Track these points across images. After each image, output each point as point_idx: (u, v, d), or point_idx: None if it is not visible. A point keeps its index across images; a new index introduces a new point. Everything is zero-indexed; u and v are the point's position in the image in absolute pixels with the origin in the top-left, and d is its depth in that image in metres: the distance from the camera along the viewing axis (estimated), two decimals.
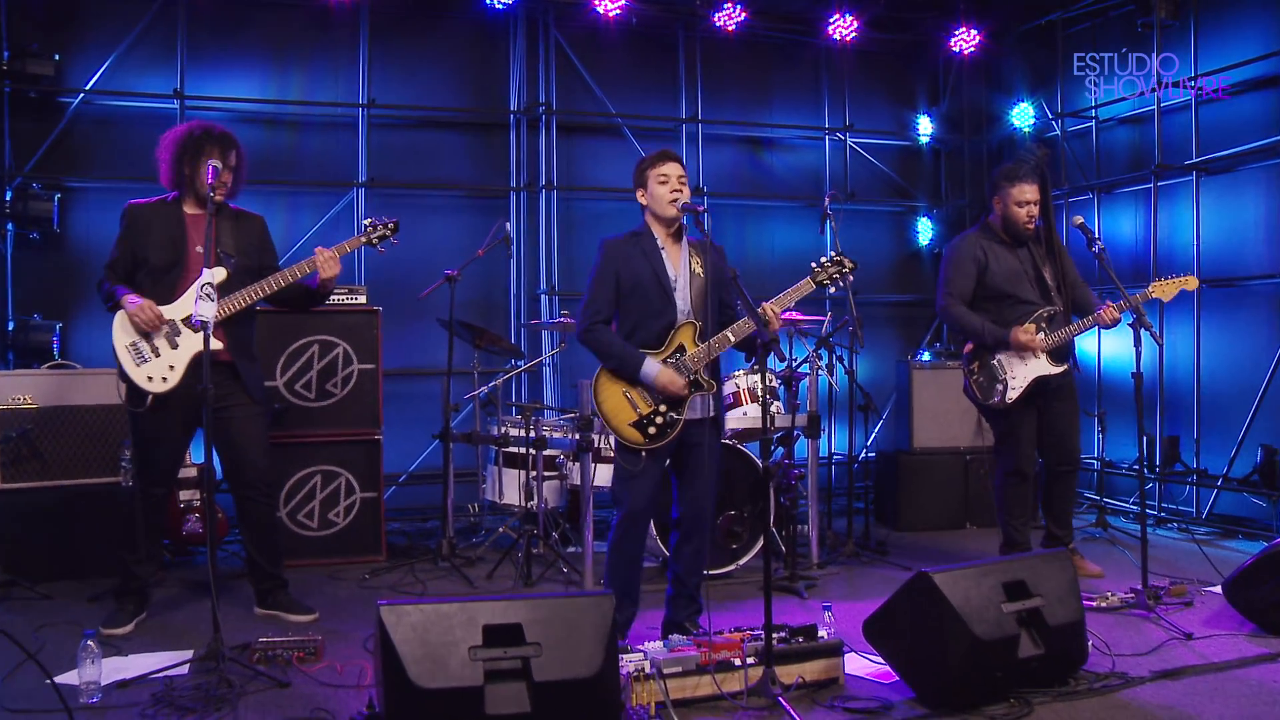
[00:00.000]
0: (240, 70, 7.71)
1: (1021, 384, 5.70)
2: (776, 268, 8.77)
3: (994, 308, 5.79)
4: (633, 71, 8.61)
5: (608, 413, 4.43)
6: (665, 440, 4.42)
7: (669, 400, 4.42)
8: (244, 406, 5.07)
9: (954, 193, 9.52)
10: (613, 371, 4.45)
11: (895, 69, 9.39)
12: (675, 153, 4.62)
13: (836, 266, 4.62)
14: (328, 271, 4.99)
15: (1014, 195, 5.74)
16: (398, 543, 7.11)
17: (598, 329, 4.47)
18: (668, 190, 4.47)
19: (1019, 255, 5.81)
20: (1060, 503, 6.05)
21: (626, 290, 4.48)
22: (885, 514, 7.73)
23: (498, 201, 8.31)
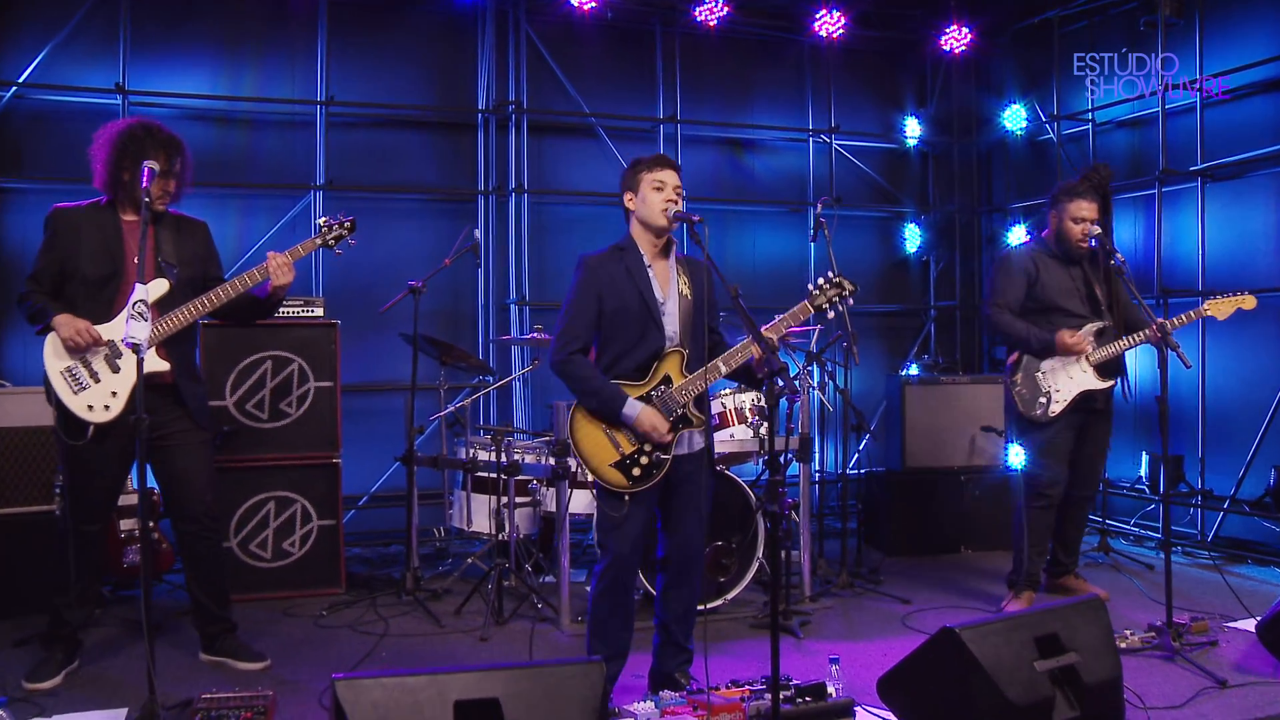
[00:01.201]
0: (188, 63, 7.20)
1: (1066, 397, 5.45)
2: (759, 276, 8.39)
3: (1038, 320, 5.55)
4: (608, 69, 8.21)
5: (586, 453, 3.99)
6: (651, 482, 3.99)
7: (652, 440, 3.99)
8: (187, 434, 4.58)
9: (942, 198, 9.17)
10: (589, 409, 4.01)
11: (882, 68, 9.03)
12: (674, 160, 4.19)
13: (836, 289, 4.18)
14: (280, 279, 4.52)
15: (1071, 210, 5.48)
16: (358, 572, 6.63)
17: (575, 360, 4.01)
18: (662, 199, 4.04)
19: (1071, 273, 5.58)
20: (1074, 529, 5.84)
21: (609, 315, 4.03)
22: (876, 537, 7.33)
23: (465, 206, 7.87)
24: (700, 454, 4.13)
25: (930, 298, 9.13)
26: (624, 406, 3.91)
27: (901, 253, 9.10)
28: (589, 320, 4.03)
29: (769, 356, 3.46)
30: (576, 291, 4.05)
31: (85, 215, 4.50)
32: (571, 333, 4.02)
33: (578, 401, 4.03)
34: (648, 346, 4.02)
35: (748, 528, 5.67)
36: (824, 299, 4.15)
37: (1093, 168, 5.65)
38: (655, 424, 3.92)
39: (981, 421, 7.35)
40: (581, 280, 4.05)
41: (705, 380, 4.01)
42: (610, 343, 4.05)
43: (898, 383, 7.47)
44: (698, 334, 4.09)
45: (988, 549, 7.27)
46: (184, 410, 4.53)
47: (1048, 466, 5.50)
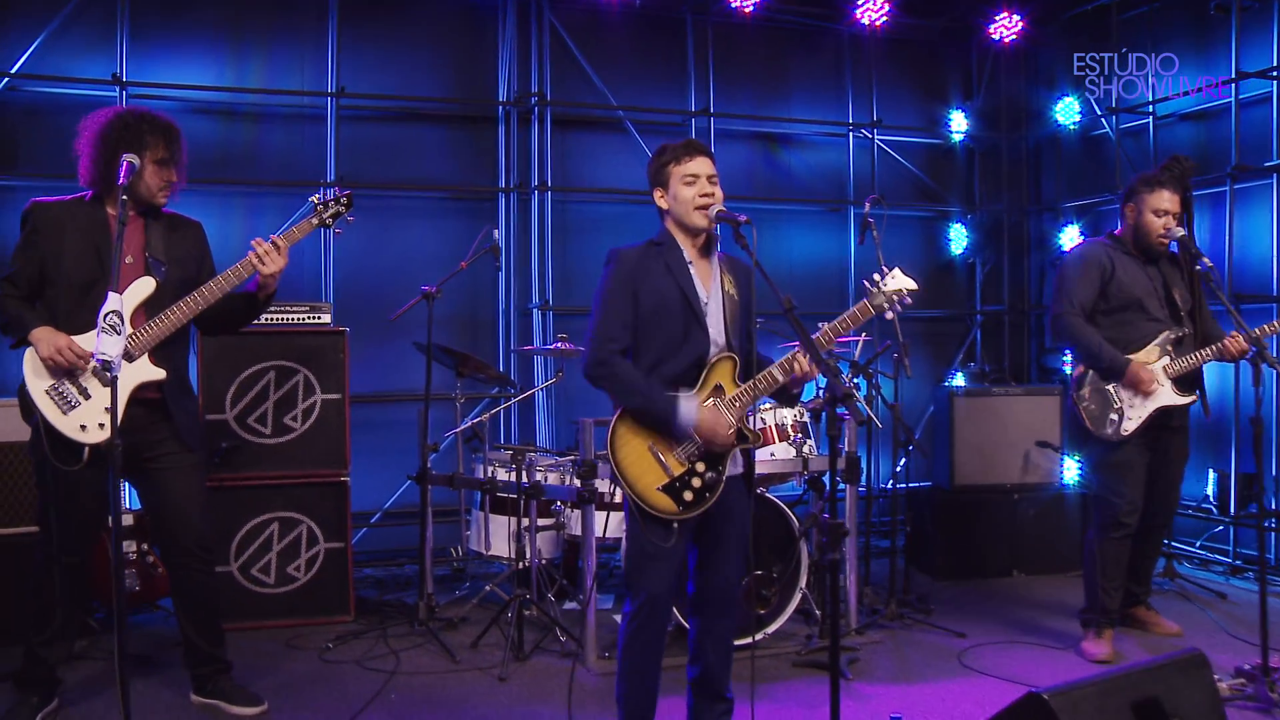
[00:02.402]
0: (191, 53, 6.77)
1: (1141, 415, 4.93)
2: (795, 279, 7.91)
3: (1114, 324, 5.04)
4: (637, 59, 7.74)
5: (631, 476, 3.52)
6: (704, 507, 3.54)
7: (707, 456, 3.53)
8: (176, 456, 4.14)
9: (989, 196, 8.67)
10: (636, 418, 3.55)
11: (926, 59, 8.54)
12: (703, 144, 3.72)
13: (895, 287, 3.71)
14: (269, 266, 4.05)
15: (1151, 202, 4.97)
16: (369, 596, 6.20)
17: (614, 362, 3.54)
18: (695, 193, 3.59)
19: (1149, 272, 5.07)
20: (1148, 558, 5.38)
21: (647, 314, 3.58)
22: (923, 559, 6.84)
23: (484, 204, 7.42)
24: (740, 478, 3.68)
25: (976, 302, 8.65)
26: (679, 409, 3.46)
27: (946, 254, 8.61)
28: (625, 319, 3.58)
29: (832, 382, 2.97)
30: (608, 288, 3.60)
31: (69, 211, 4.07)
32: (607, 333, 3.56)
33: (620, 413, 3.57)
34: (691, 350, 3.57)
35: (789, 555, 5.21)
36: (883, 298, 3.68)
37: (1173, 159, 5.13)
38: (717, 427, 3.48)
39: (1036, 436, 6.86)
40: (613, 275, 3.60)
41: (759, 391, 3.56)
42: (647, 347, 3.60)
43: (945, 394, 6.98)
44: (745, 339, 3.65)
45: (1042, 573, 6.78)
46: (172, 428, 4.09)
47: (1123, 492, 4.98)
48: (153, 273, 4.00)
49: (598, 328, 3.58)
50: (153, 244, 4.07)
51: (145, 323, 3.95)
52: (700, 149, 3.66)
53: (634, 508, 3.52)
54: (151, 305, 3.99)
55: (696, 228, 3.62)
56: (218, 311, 4.15)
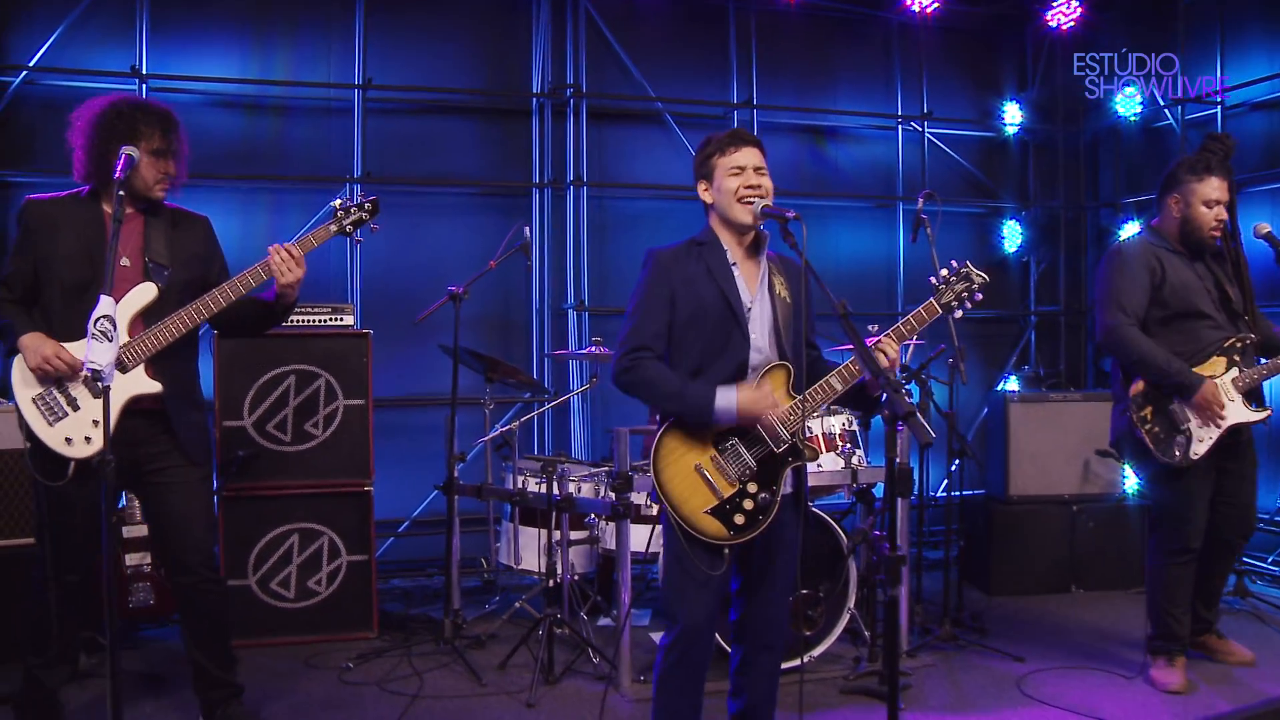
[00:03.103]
0: (214, 45, 6.56)
1: (1212, 435, 4.45)
2: (842, 278, 7.57)
3: (1168, 333, 4.54)
4: (676, 49, 7.44)
5: (677, 498, 3.22)
6: (756, 531, 3.26)
7: (760, 475, 3.24)
8: (180, 469, 3.86)
9: (1045, 192, 8.29)
10: (682, 433, 3.26)
11: (978, 48, 8.18)
12: (751, 134, 3.42)
13: (964, 283, 3.38)
14: (287, 276, 3.78)
15: (1200, 192, 4.50)
16: (393, 610, 5.94)
17: (644, 364, 3.26)
18: (740, 184, 3.29)
19: (1197, 270, 4.58)
20: (1219, 579, 4.90)
21: (684, 319, 3.30)
22: (975, 573, 6.49)
23: (517, 200, 7.15)
24: (792, 497, 3.38)
25: (1031, 302, 8.27)
26: (715, 400, 3.17)
27: (999, 252, 8.24)
28: (660, 324, 3.30)
29: (893, 398, 2.65)
30: (645, 290, 3.32)
31: (63, 209, 3.80)
32: (639, 337, 3.28)
33: (665, 428, 3.28)
34: (732, 358, 3.28)
35: (837, 573, 4.89)
36: (952, 295, 3.37)
37: (1213, 137, 4.64)
38: (761, 402, 3.20)
39: (1095, 444, 6.45)
40: (650, 278, 3.33)
41: (816, 402, 3.27)
42: (685, 355, 3.31)
43: (1000, 399, 6.62)
44: (798, 346, 3.35)
45: (1102, 589, 6.41)
46: (174, 441, 3.82)
47: (1190, 518, 4.55)
48: (153, 278, 3.74)
49: (629, 333, 3.30)
50: (153, 245, 3.80)
51: (144, 331, 3.68)
52: (748, 139, 3.37)
53: (678, 531, 3.23)
54: (153, 313, 3.72)
55: (740, 223, 3.32)
56: (231, 317, 3.89)
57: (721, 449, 3.26)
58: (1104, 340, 4.65)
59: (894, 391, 2.64)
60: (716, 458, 3.24)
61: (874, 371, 2.83)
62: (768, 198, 3.30)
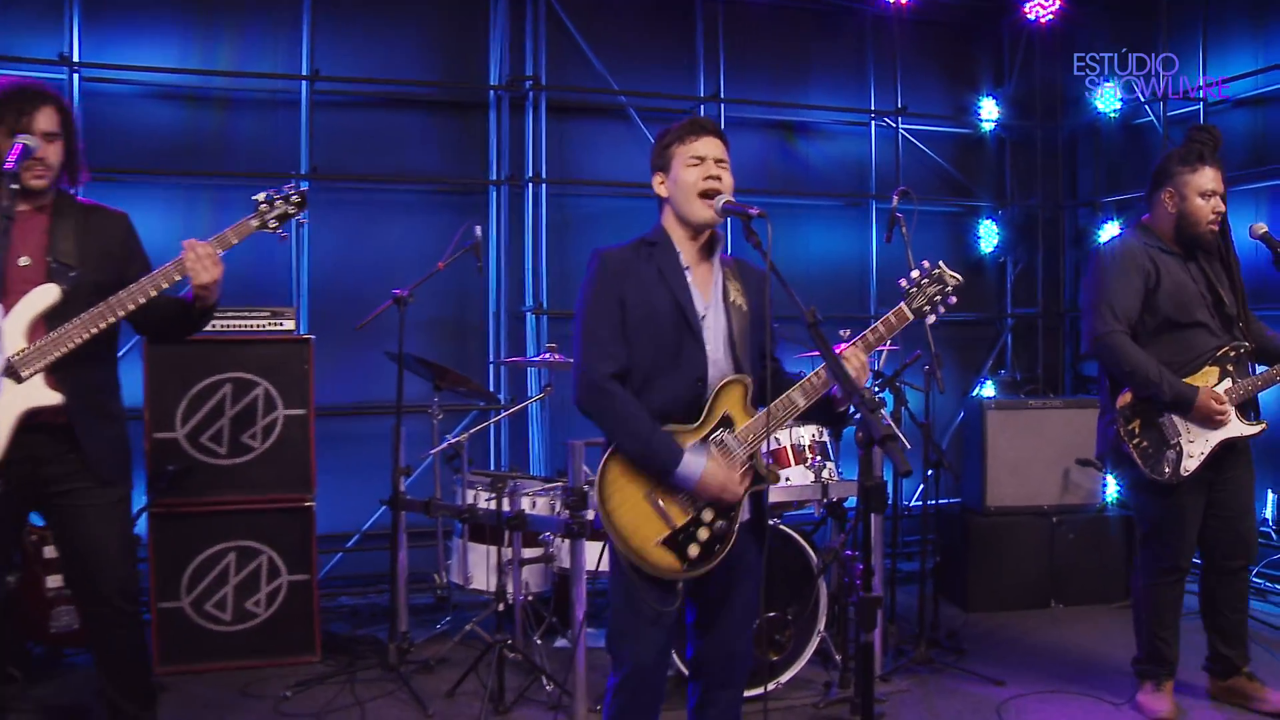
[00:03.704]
0: (152, 32, 6.17)
1: (1204, 450, 4.15)
2: (813, 280, 7.33)
3: (1159, 340, 4.23)
4: (641, 40, 7.13)
5: (624, 529, 2.92)
6: (713, 562, 2.96)
7: (715, 503, 2.95)
8: (89, 491, 3.50)
9: (1022, 190, 8.04)
10: (628, 460, 2.95)
11: (955, 41, 7.91)
12: (713, 123, 3.13)
13: (937, 285, 3.09)
14: (202, 275, 3.40)
15: (1195, 183, 4.18)
16: (339, 631, 5.63)
17: (613, 391, 2.95)
18: (699, 175, 3.00)
19: (1191, 271, 4.26)
20: (1233, 611, 4.41)
21: (634, 325, 3.00)
22: (951, 588, 6.24)
23: (474, 198, 6.82)
24: (751, 522, 3.09)
25: (1007, 304, 8.02)
26: (679, 463, 2.88)
27: (975, 252, 7.96)
28: (617, 333, 2.99)
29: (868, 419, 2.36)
30: (593, 297, 3.02)
31: None
32: (600, 351, 2.98)
33: (612, 451, 2.97)
34: (687, 371, 2.98)
35: (807, 594, 4.61)
36: (924, 299, 3.07)
37: (1199, 128, 4.33)
38: (726, 485, 2.90)
39: (1076, 452, 6.23)
40: (597, 282, 3.02)
41: (777, 419, 2.97)
42: (634, 366, 3.01)
43: (977, 406, 6.37)
44: (756, 358, 3.05)
45: (1083, 603, 6.18)
46: (80, 459, 3.47)
47: (1180, 534, 4.26)
48: (56, 279, 3.40)
49: (588, 346, 2.99)
50: (58, 244, 3.45)
51: (41, 338, 3.34)
52: (709, 127, 3.08)
53: (625, 564, 2.92)
54: (56, 317, 3.37)
55: (698, 220, 3.03)
56: (147, 320, 3.55)
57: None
58: (1092, 348, 4.33)
59: (869, 411, 2.35)
60: (669, 484, 2.94)
61: (847, 388, 2.54)
62: (728, 195, 3.00)
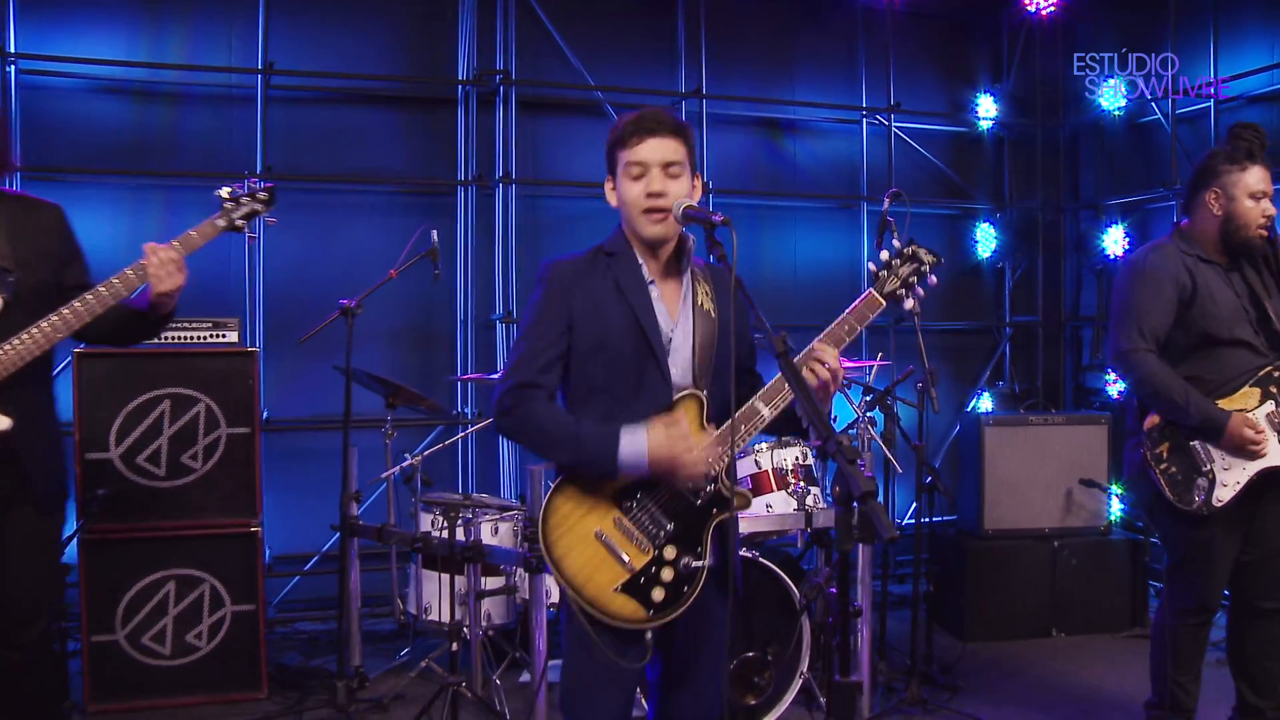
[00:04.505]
0: (97, 22, 5.82)
1: (1239, 480, 3.70)
2: (800, 284, 7.02)
3: (1194, 359, 3.81)
4: (619, 33, 6.80)
5: (577, 577, 2.54)
6: (683, 605, 2.58)
7: (679, 538, 2.58)
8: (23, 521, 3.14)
9: (1021, 192, 7.69)
10: (567, 479, 2.59)
11: (951, 35, 7.57)
12: (665, 118, 2.65)
13: (911, 264, 2.72)
14: (164, 283, 3.10)
15: (1244, 183, 3.74)
16: (291, 663, 5.27)
17: (530, 403, 2.58)
18: (640, 191, 2.61)
19: (1232, 283, 3.83)
20: (1266, 658, 3.94)
21: (586, 348, 2.63)
22: (946, 615, 5.87)
23: (440, 199, 6.45)
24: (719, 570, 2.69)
25: (1006, 312, 7.66)
26: (621, 441, 2.50)
27: (972, 258, 7.62)
28: (554, 354, 2.62)
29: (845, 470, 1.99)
30: (537, 312, 2.65)
31: None
32: (526, 370, 2.60)
33: (556, 485, 2.61)
34: (648, 401, 2.61)
35: (788, 631, 4.25)
36: (896, 281, 2.71)
37: (1242, 126, 3.92)
38: (675, 448, 2.50)
39: (1079, 472, 5.89)
40: (544, 297, 2.65)
41: (740, 434, 2.60)
42: (584, 397, 2.65)
43: (974, 422, 6.00)
44: (724, 370, 2.65)
45: (1087, 632, 5.82)
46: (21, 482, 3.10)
47: (1212, 572, 3.83)
48: None
49: (514, 365, 2.63)
50: None
51: None
52: (659, 124, 2.62)
53: (581, 617, 2.55)
54: None
55: (646, 238, 2.65)
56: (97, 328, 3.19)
57: (626, 507, 2.58)
58: (1115, 367, 3.94)
59: (848, 462, 1.99)
60: (621, 519, 2.57)
61: (821, 431, 2.15)
62: (688, 201, 2.61)
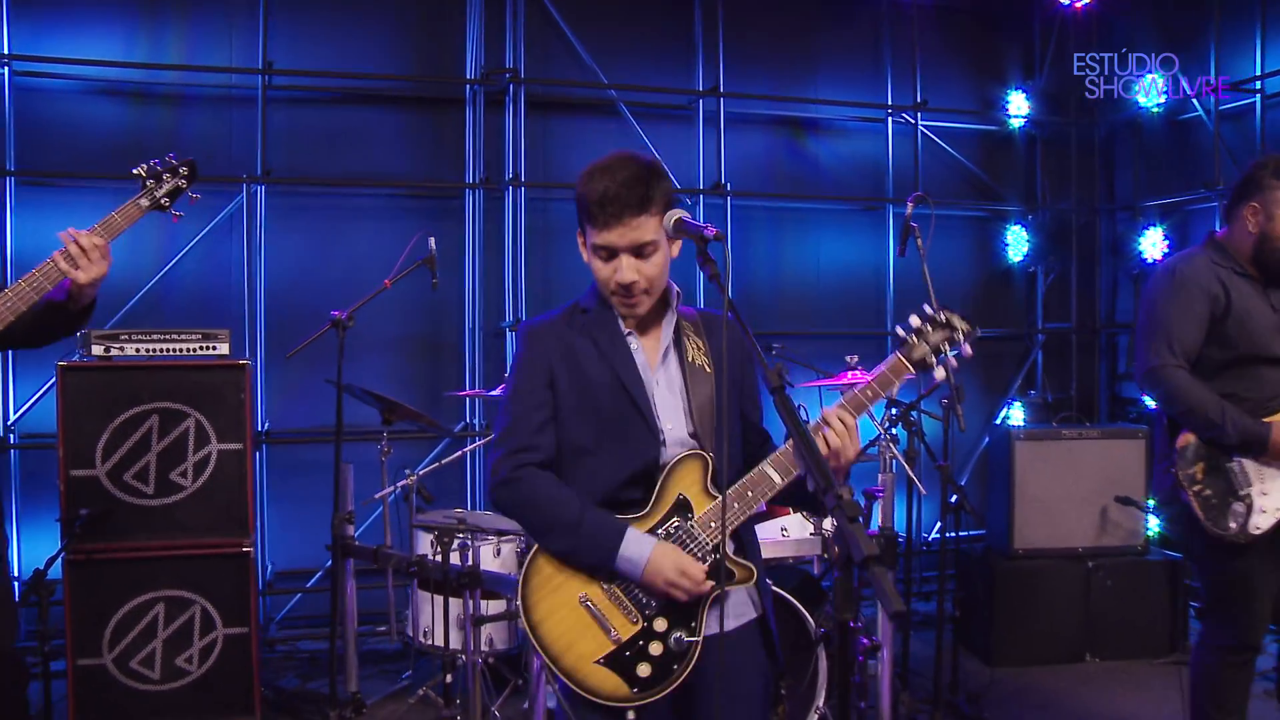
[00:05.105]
0: (94, 23, 5.68)
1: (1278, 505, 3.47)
2: (823, 291, 6.77)
3: (1228, 377, 3.54)
4: (632, 29, 6.57)
5: (555, 644, 2.33)
6: (671, 684, 2.33)
7: (670, 609, 2.34)
8: None
9: (1054, 193, 7.40)
10: (560, 556, 2.36)
11: (980, 30, 7.28)
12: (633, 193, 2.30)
13: (944, 331, 2.45)
14: (84, 273, 2.90)
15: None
16: (287, 686, 5.07)
17: (525, 479, 2.37)
18: (609, 272, 2.37)
19: (1271, 299, 3.57)
20: None
21: (570, 407, 2.41)
22: (973, 639, 5.60)
23: (447, 202, 6.25)
24: (751, 629, 2.48)
25: (1038, 318, 7.37)
26: (621, 542, 2.29)
27: (1002, 262, 7.34)
28: (544, 414, 2.41)
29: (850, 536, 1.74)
30: (518, 375, 2.45)
31: None
32: (519, 435, 2.40)
33: (536, 549, 2.38)
34: (634, 453, 2.38)
35: (803, 665, 4.01)
36: (925, 348, 2.43)
37: None
38: (683, 568, 2.29)
39: (1115, 489, 5.61)
40: (523, 360, 2.46)
41: (749, 502, 2.34)
42: (571, 457, 2.43)
43: (1004, 435, 5.73)
44: (735, 428, 2.45)
45: (1121, 657, 5.54)
46: None
47: (1247, 609, 3.54)
48: None
49: (505, 431, 2.42)
50: None
51: None
52: (620, 211, 2.29)
53: (559, 690, 2.32)
54: None
55: (620, 313, 2.45)
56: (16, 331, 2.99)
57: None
58: (1144, 383, 3.67)
59: (848, 520, 1.74)
60: (610, 585, 2.34)
61: (820, 480, 1.90)
62: (680, 213, 2.35)
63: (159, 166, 3.13)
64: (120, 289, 5.51)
